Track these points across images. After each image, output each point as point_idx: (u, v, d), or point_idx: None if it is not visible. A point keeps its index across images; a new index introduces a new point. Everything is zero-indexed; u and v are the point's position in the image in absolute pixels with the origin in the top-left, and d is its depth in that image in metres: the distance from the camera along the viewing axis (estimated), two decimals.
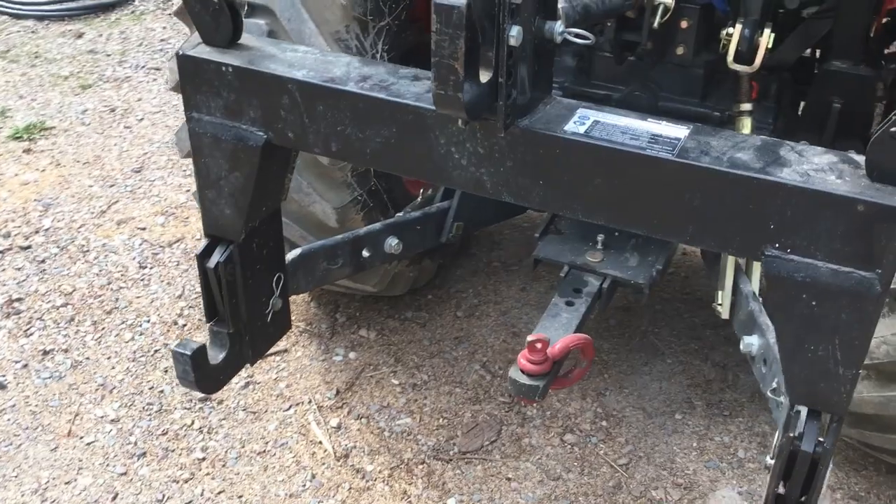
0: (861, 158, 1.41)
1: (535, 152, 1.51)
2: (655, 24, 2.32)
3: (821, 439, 1.55)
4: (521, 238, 4.02)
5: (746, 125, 2.46)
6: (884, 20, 2.60)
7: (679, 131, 1.49)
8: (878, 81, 2.47)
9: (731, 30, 2.27)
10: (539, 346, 2.26)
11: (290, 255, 2.21)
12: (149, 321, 3.49)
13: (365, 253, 2.45)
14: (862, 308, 1.38)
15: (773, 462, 1.73)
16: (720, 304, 2.37)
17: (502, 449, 2.92)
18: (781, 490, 1.67)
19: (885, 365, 2.19)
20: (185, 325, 3.47)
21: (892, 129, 1.29)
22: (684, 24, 2.44)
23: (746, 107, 2.43)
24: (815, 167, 1.40)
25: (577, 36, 1.52)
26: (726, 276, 2.35)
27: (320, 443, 2.96)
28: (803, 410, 1.56)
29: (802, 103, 2.70)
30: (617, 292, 2.71)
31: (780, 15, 2.47)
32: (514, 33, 1.37)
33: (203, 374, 1.99)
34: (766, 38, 2.24)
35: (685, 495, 2.77)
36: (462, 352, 3.33)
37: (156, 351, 3.36)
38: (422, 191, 2.89)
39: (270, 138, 1.75)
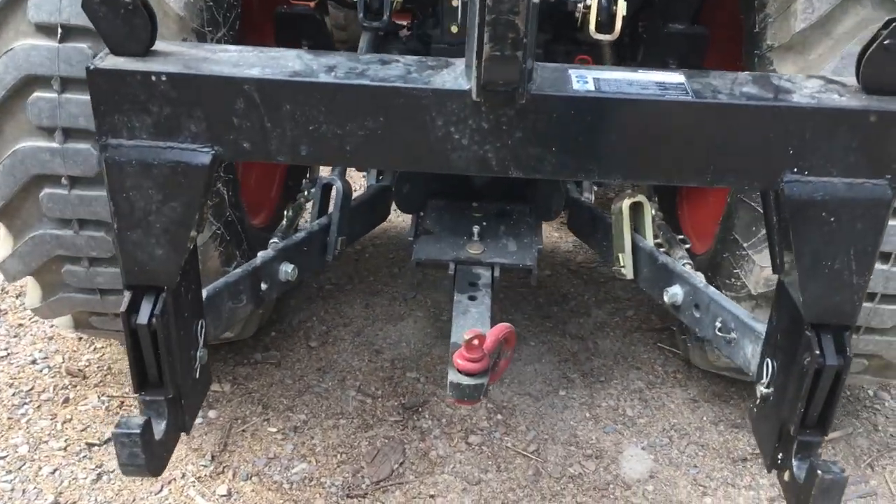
0: (843, 79, 1.51)
1: (548, 117, 1.44)
2: None
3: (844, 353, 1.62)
4: (344, 259, 3.86)
5: None
6: None
7: (677, 77, 1.50)
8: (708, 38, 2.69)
9: (588, 1, 2.34)
10: (476, 342, 2.17)
11: None
12: None
13: (263, 286, 2.20)
14: (876, 215, 1.48)
15: (768, 391, 1.80)
16: (623, 267, 2.44)
17: (413, 468, 2.77)
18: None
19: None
20: None
21: (886, 42, 1.40)
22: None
23: None
24: (814, 90, 1.47)
25: None
26: (625, 239, 2.42)
27: None
28: (812, 328, 1.62)
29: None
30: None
31: None
32: None
33: (152, 454, 1.65)
34: (622, 7, 2.34)
35: (599, 464, 2.82)
36: (331, 382, 3.12)
37: None
38: (286, 213, 2.67)
39: (219, 153, 1.49)
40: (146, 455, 1.62)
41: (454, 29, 2.59)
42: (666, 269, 2.31)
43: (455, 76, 1.47)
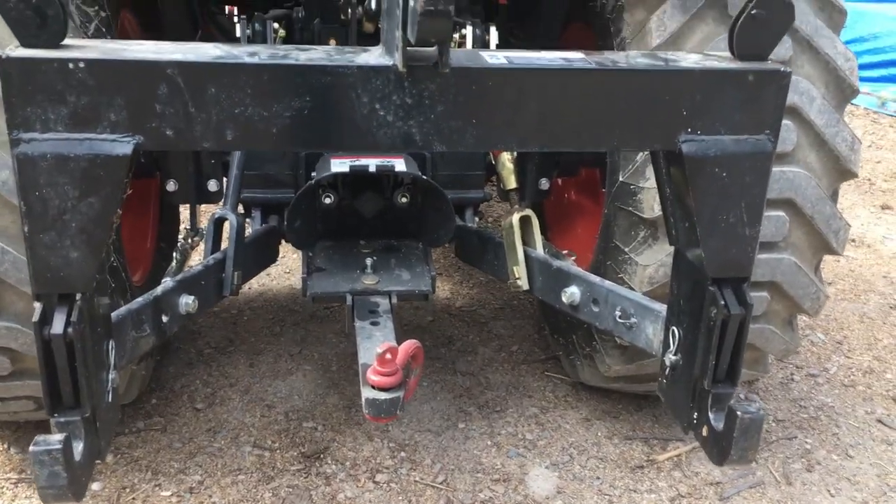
0: (718, 53, 1.70)
1: (468, 90, 1.52)
2: None
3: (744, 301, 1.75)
4: (220, 323, 3.76)
5: None
6: None
7: (577, 55, 1.63)
8: None
9: (463, 31, 2.50)
10: (389, 355, 2.18)
11: None
12: None
13: (164, 318, 2.12)
14: (760, 168, 1.65)
15: (676, 357, 1.91)
16: (518, 279, 2.53)
17: None
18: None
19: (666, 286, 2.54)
20: None
21: (753, 12, 1.59)
22: None
23: None
24: (697, 60, 1.64)
25: None
26: (517, 251, 2.52)
27: None
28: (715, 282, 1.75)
29: None
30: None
31: None
32: None
33: (73, 475, 1.54)
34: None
35: (508, 487, 2.83)
36: (223, 440, 2.98)
37: None
38: (174, 255, 2.59)
39: (141, 143, 1.47)
40: (68, 474, 1.50)
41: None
42: (561, 272, 2.42)
43: (377, 55, 1.53)
